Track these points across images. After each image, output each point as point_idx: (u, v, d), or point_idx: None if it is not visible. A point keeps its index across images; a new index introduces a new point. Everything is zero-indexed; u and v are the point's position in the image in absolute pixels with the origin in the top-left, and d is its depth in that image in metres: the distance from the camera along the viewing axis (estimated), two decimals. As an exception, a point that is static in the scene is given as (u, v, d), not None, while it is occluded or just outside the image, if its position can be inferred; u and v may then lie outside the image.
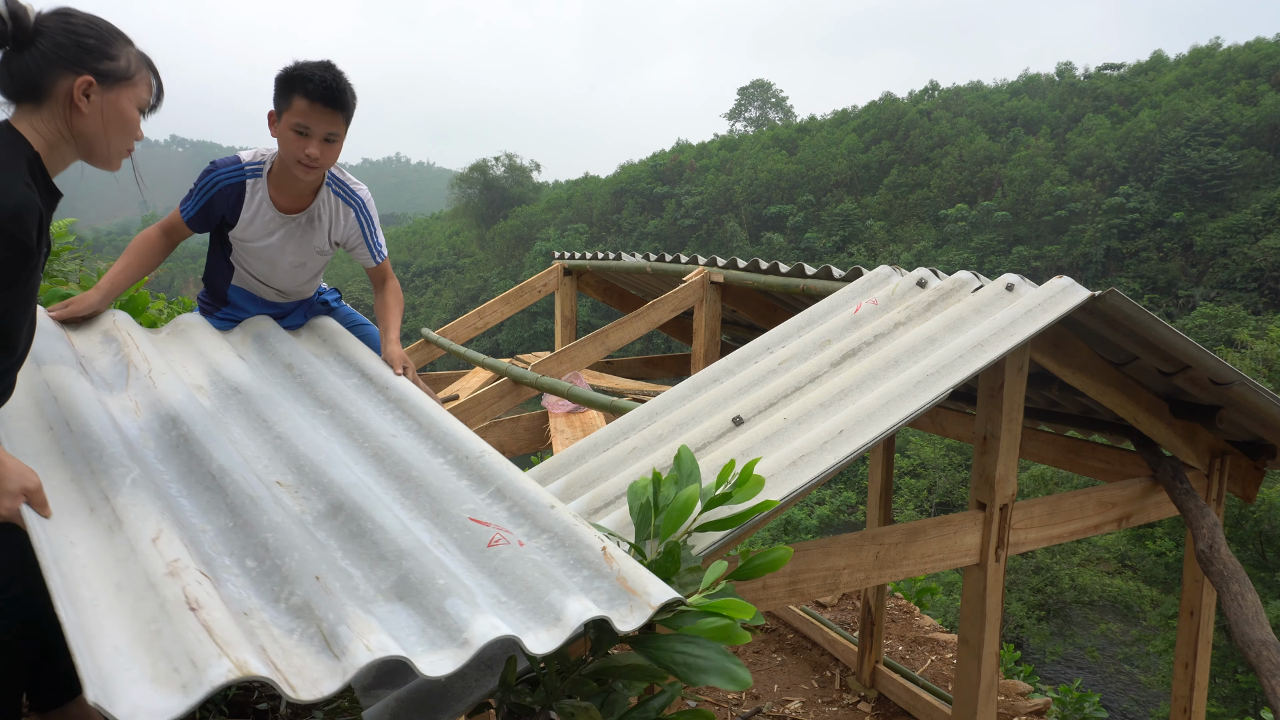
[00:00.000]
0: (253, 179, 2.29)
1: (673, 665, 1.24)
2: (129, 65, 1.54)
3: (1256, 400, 2.59)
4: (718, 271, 4.33)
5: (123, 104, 1.54)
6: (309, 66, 2.12)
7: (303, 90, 2.10)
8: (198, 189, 2.29)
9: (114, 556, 1.31)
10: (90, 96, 1.49)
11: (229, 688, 1.27)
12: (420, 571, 1.42)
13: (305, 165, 2.18)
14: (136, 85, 1.56)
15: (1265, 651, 2.21)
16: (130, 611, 1.19)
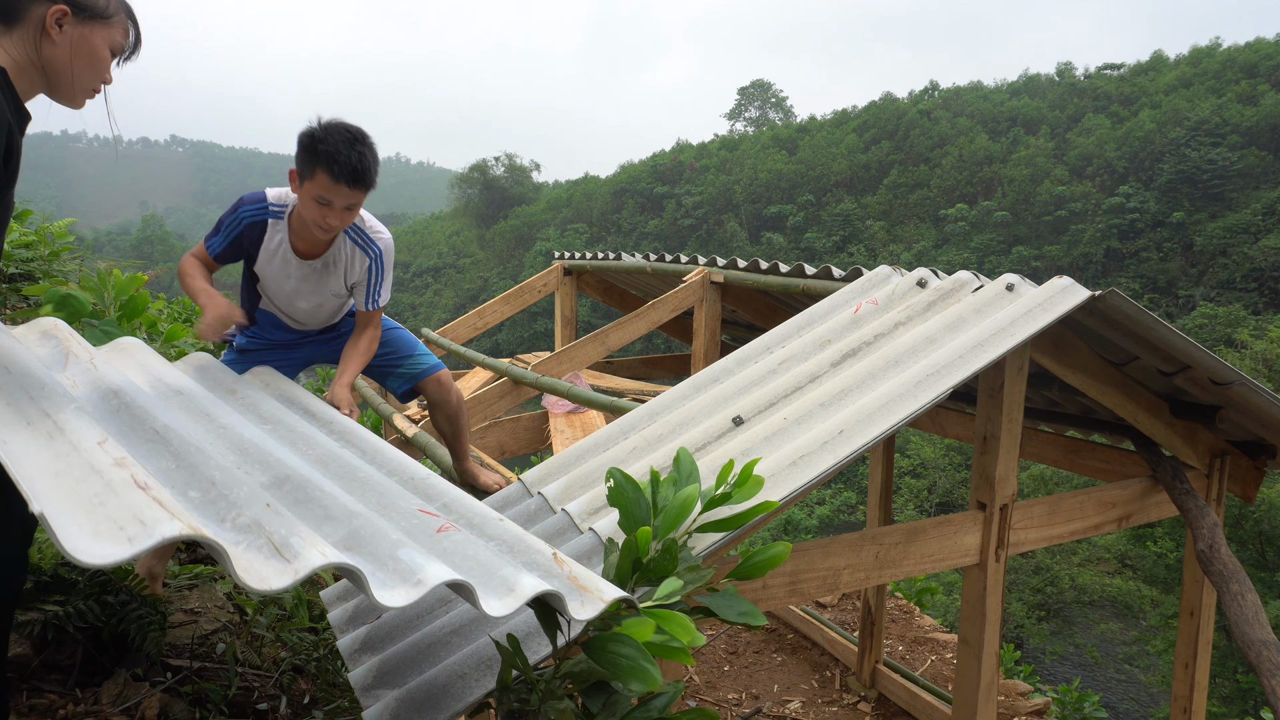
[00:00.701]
0: (275, 219, 2.30)
1: (608, 665, 1.25)
2: (107, 5, 1.55)
3: (1256, 400, 2.59)
4: (718, 271, 4.33)
5: (94, 40, 1.55)
6: (336, 142, 2.08)
7: (328, 169, 2.08)
8: (225, 225, 2.31)
9: (53, 454, 1.21)
10: (63, 26, 1.49)
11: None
12: (370, 529, 1.38)
13: (323, 230, 2.21)
14: (111, 26, 1.57)
15: (1265, 651, 2.21)
16: (71, 491, 1.08)
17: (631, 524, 1.44)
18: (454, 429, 2.80)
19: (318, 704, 2.63)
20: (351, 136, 2.11)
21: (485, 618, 1.72)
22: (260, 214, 2.30)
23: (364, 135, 2.14)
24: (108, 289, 3.16)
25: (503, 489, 2.35)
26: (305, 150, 2.11)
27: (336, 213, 2.17)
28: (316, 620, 2.98)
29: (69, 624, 2.27)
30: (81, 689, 2.23)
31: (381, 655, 1.71)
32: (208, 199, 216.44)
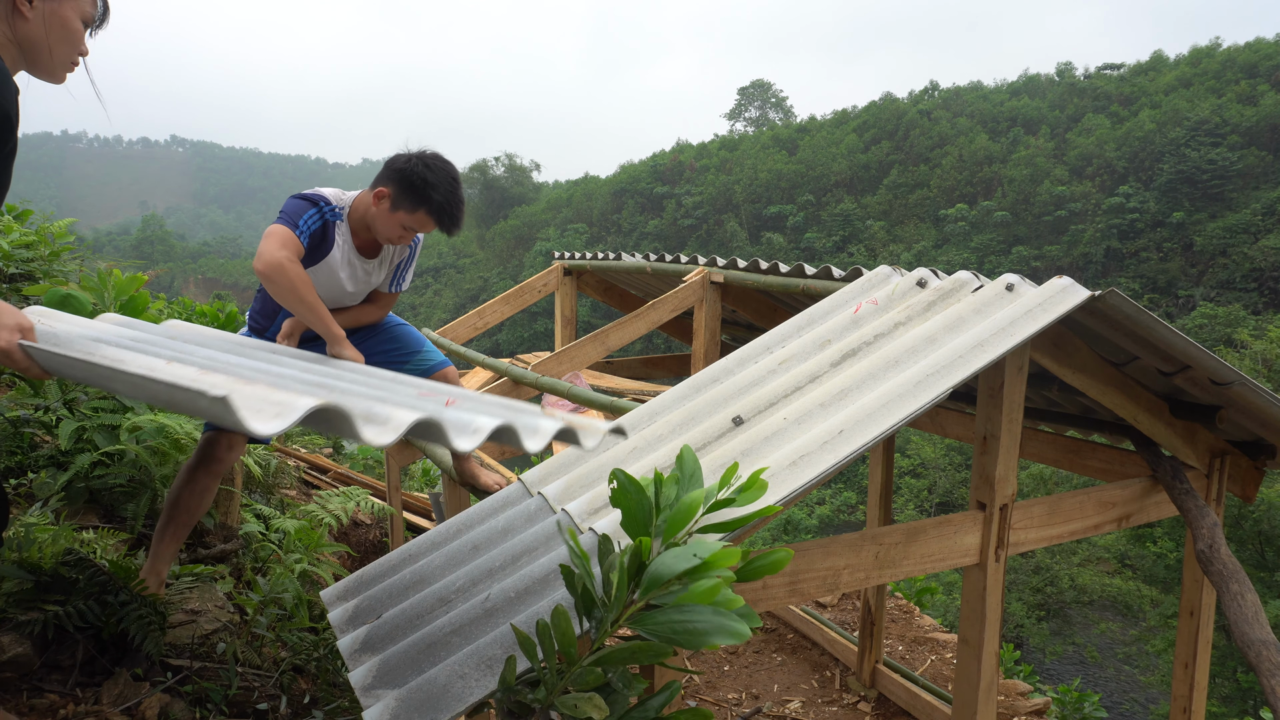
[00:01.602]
0: (340, 222, 2.37)
1: (673, 635, 1.25)
2: None
3: (1256, 400, 2.59)
4: (718, 271, 4.33)
5: (65, 13, 1.56)
6: (445, 191, 2.24)
7: (434, 215, 2.26)
8: (306, 220, 2.31)
9: (187, 373, 1.31)
10: (33, 2, 1.52)
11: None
12: (419, 403, 1.49)
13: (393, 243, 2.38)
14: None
15: (1265, 651, 2.21)
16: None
17: (634, 525, 1.44)
18: None
19: (318, 704, 2.63)
20: (454, 181, 2.25)
21: (487, 617, 1.72)
22: (332, 215, 2.36)
23: (459, 180, 2.30)
24: (108, 289, 3.16)
25: (503, 489, 2.36)
26: (412, 189, 2.23)
27: (412, 235, 2.35)
28: (316, 620, 2.98)
29: (69, 623, 2.27)
30: (81, 689, 2.23)
31: (381, 655, 1.72)
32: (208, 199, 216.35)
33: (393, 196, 2.27)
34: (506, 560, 1.92)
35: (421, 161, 2.26)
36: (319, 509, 3.13)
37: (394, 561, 2.14)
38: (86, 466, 2.79)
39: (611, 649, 1.33)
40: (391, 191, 2.27)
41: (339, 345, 2.31)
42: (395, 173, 2.27)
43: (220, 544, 3.32)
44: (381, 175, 2.33)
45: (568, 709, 1.28)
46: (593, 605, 1.36)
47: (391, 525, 4.75)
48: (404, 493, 5.69)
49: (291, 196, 2.36)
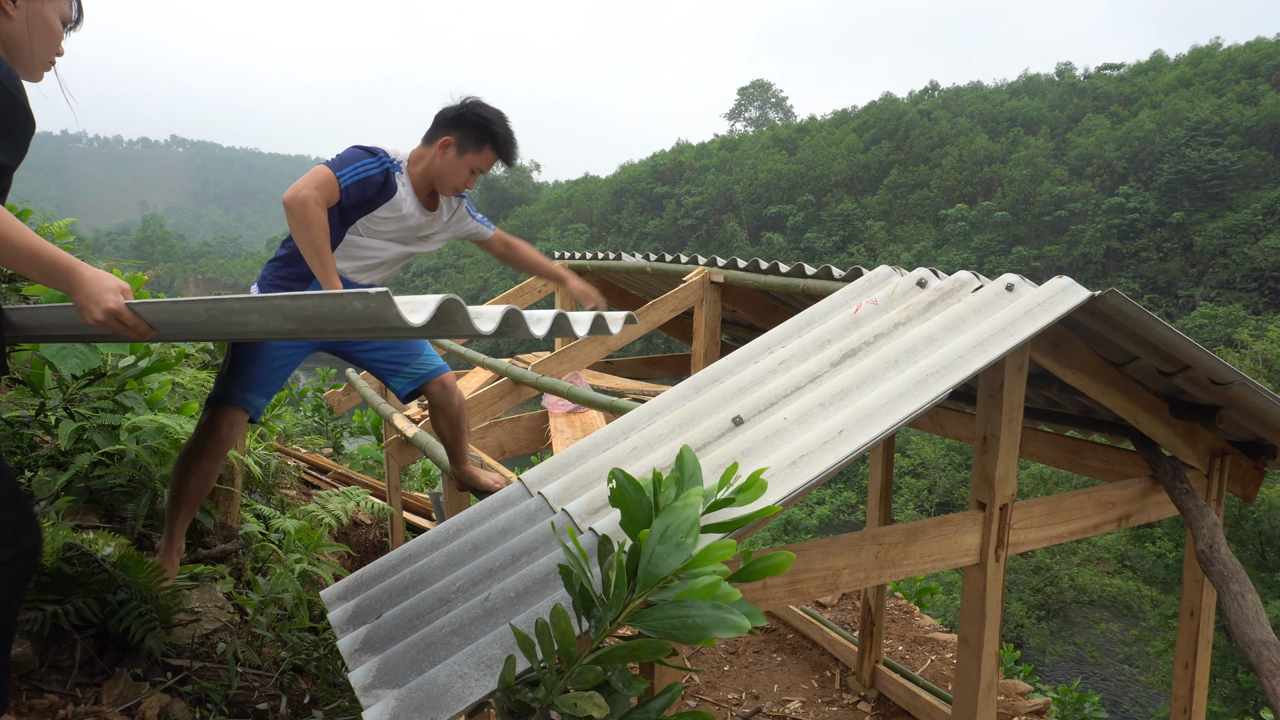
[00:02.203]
0: (399, 173, 2.41)
1: (672, 630, 1.25)
2: None
3: (1256, 400, 2.59)
4: (718, 271, 4.33)
5: (47, 13, 1.60)
6: (504, 127, 2.39)
7: (503, 151, 2.41)
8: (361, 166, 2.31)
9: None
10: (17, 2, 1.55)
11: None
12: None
13: (458, 191, 2.47)
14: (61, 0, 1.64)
15: (1265, 651, 2.21)
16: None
17: (634, 525, 1.44)
18: (454, 432, 2.80)
19: (318, 704, 2.63)
20: (506, 117, 2.40)
21: (487, 616, 1.72)
22: (392, 166, 2.39)
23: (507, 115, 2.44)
24: (108, 289, 3.15)
25: (503, 489, 2.36)
26: (476, 128, 2.36)
27: (475, 177, 2.45)
28: (316, 620, 2.98)
29: (67, 621, 2.27)
30: (81, 689, 2.23)
31: (382, 655, 1.72)
32: (208, 199, 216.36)
33: (458, 142, 2.37)
34: (506, 560, 1.91)
35: (475, 105, 2.38)
36: (319, 509, 3.13)
37: (394, 561, 2.14)
38: (86, 466, 2.79)
39: (611, 647, 1.33)
40: (456, 138, 2.37)
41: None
42: (455, 120, 2.38)
43: (220, 544, 3.32)
44: (438, 128, 2.41)
45: (568, 708, 1.28)
46: (591, 604, 1.36)
47: (391, 525, 4.75)
48: (404, 493, 5.69)
49: (352, 145, 2.41)
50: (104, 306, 1.41)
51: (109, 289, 1.42)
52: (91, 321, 1.42)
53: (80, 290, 1.42)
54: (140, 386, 3.15)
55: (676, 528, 1.35)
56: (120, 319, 1.41)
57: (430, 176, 2.44)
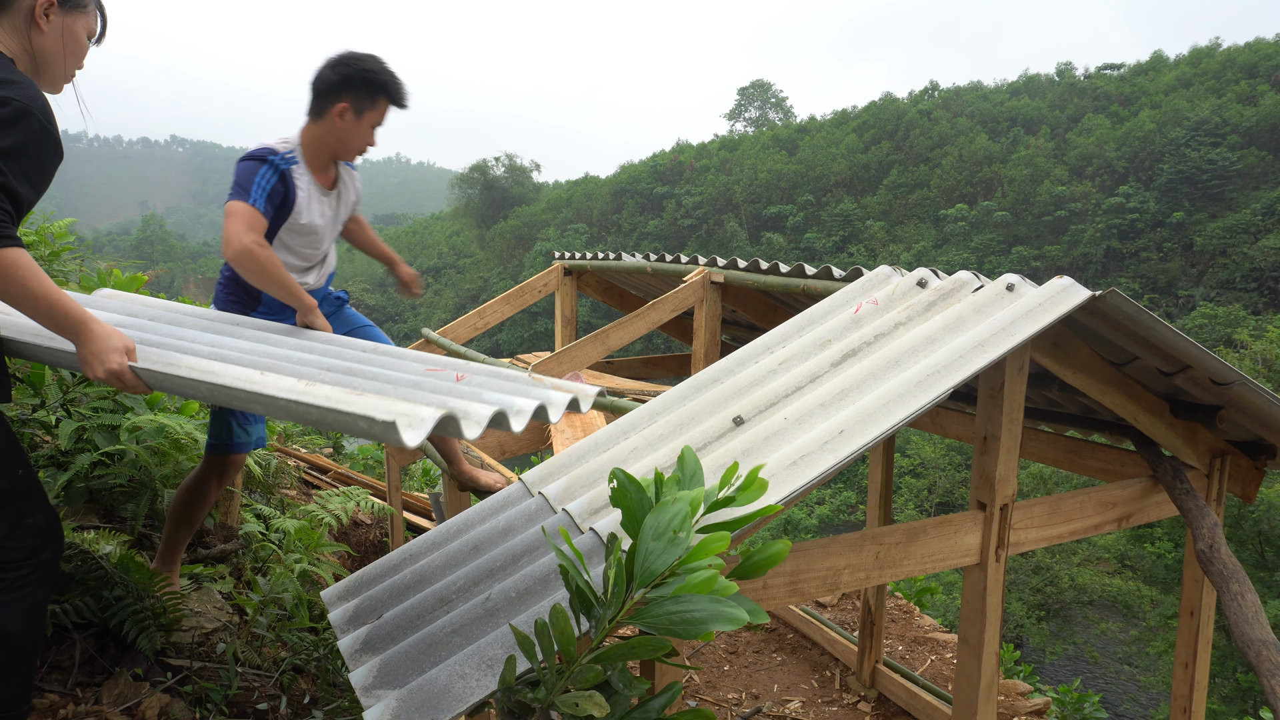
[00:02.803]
0: (296, 165, 2.35)
1: (671, 626, 1.25)
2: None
3: (1256, 400, 2.59)
4: (718, 271, 4.33)
5: (77, 28, 1.67)
6: (388, 72, 2.33)
7: (392, 97, 2.35)
8: (259, 180, 2.25)
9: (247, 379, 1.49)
10: (50, 16, 1.61)
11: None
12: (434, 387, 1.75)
13: (363, 153, 2.43)
14: (88, 13, 1.71)
15: (1265, 651, 2.21)
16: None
17: (634, 525, 1.44)
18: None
19: (318, 704, 2.63)
20: (387, 63, 2.33)
21: (487, 617, 1.72)
22: (288, 162, 2.32)
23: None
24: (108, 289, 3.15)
25: (503, 488, 2.36)
26: (365, 85, 2.30)
27: (375, 133, 2.40)
28: (316, 620, 2.98)
29: (67, 620, 2.27)
30: (82, 689, 2.23)
31: (382, 655, 1.72)
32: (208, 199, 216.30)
33: (353, 105, 2.32)
34: (507, 560, 1.91)
35: (354, 60, 2.31)
36: (319, 509, 3.13)
37: (394, 561, 2.14)
38: (86, 466, 2.79)
39: (611, 646, 1.33)
40: (350, 101, 2.31)
41: (311, 314, 2.33)
42: (341, 83, 2.30)
43: (220, 544, 3.32)
44: (324, 96, 2.32)
45: (568, 708, 1.28)
46: (590, 604, 1.36)
47: (391, 525, 4.75)
48: (404, 493, 5.69)
49: (239, 159, 2.31)
50: (107, 367, 1.47)
51: (115, 349, 1.47)
52: (93, 377, 1.47)
53: (87, 345, 1.47)
54: (140, 386, 3.15)
55: (668, 522, 1.35)
56: (121, 379, 1.47)
57: (332, 147, 2.38)
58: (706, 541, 1.32)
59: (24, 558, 1.61)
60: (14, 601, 1.60)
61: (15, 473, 1.62)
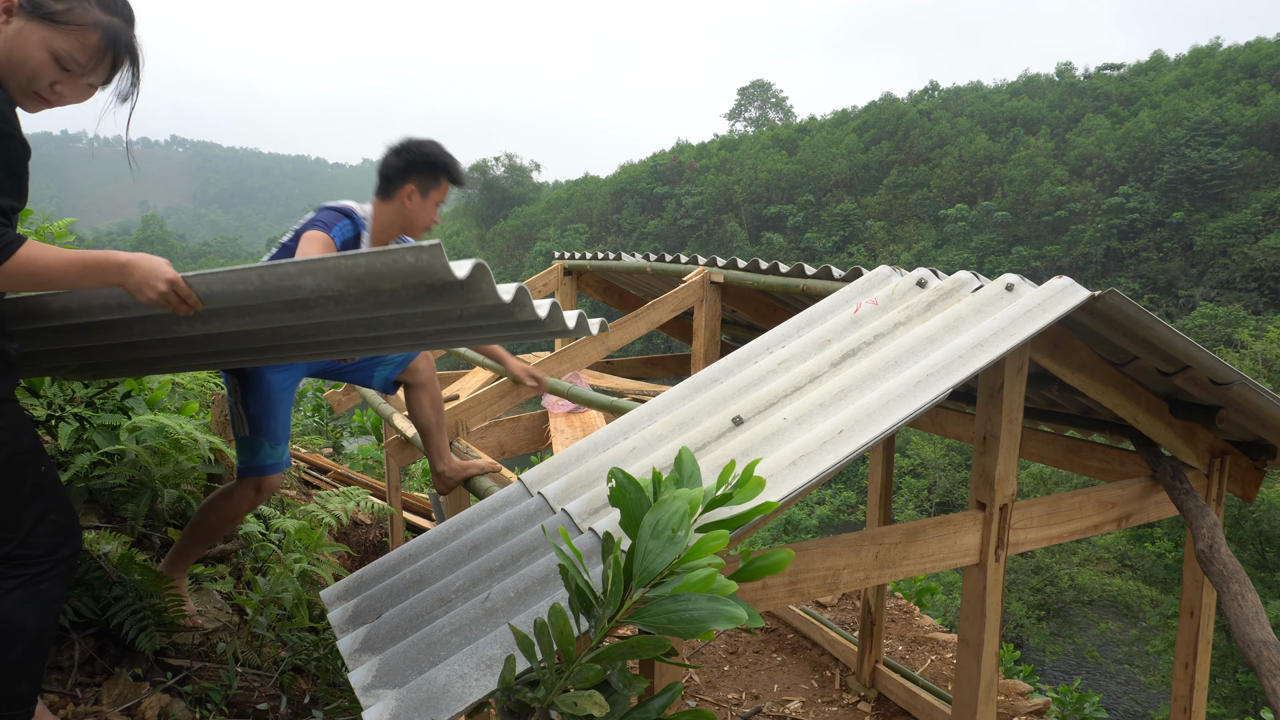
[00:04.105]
0: (363, 231, 2.57)
1: (670, 625, 1.25)
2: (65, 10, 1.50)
3: (1256, 400, 2.59)
4: (718, 271, 4.33)
5: (31, 38, 1.49)
6: (448, 155, 2.56)
7: (452, 177, 2.58)
8: (340, 227, 2.47)
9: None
10: (11, 20, 1.48)
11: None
12: None
13: (428, 229, 2.64)
14: (60, 34, 1.51)
15: (1265, 651, 2.21)
16: None
17: (633, 524, 1.44)
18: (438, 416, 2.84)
19: (318, 704, 2.63)
20: (444, 145, 2.58)
21: (487, 616, 1.72)
22: (362, 227, 2.55)
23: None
24: (108, 289, 3.15)
25: (503, 488, 2.36)
26: (428, 167, 2.52)
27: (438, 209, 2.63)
28: (316, 620, 2.98)
29: (66, 620, 2.27)
30: (81, 689, 2.23)
31: (381, 655, 1.72)
32: (208, 199, 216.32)
33: (419, 186, 2.53)
34: (506, 560, 1.92)
35: (412, 147, 2.52)
36: (319, 509, 3.13)
37: (394, 561, 2.14)
38: (86, 466, 2.79)
39: (610, 645, 1.33)
40: (416, 183, 2.52)
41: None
42: (404, 168, 2.51)
43: (220, 544, 3.32)
44: (392, 181, 2.53)
45: (568, 707, 1.28)
46: (590, 604, 1.36)
47: (391, 525, 4.75)
48: (404, 493, 5.69)
49: (324, 206, 2.53)
50: (164, 279, 1.43)
51: (159, 266, 1.46)
52: (149, 299, 1.44)
53: (133, 276, 1.45)
54: (140, 386, 3.15)
55: (666, 521, 1.35)
56: (177, 287, 1.44)
57: (402, 225, 2.59)
58: (705, 540, 1.32)
59: (44, 554, 1.61)
60: (32, 598, 1.60)
61: (39, 469, 1.61)
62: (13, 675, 1.61)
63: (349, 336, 1.80)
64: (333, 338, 1.82)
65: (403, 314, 1.56)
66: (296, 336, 1.80)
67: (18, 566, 1.58)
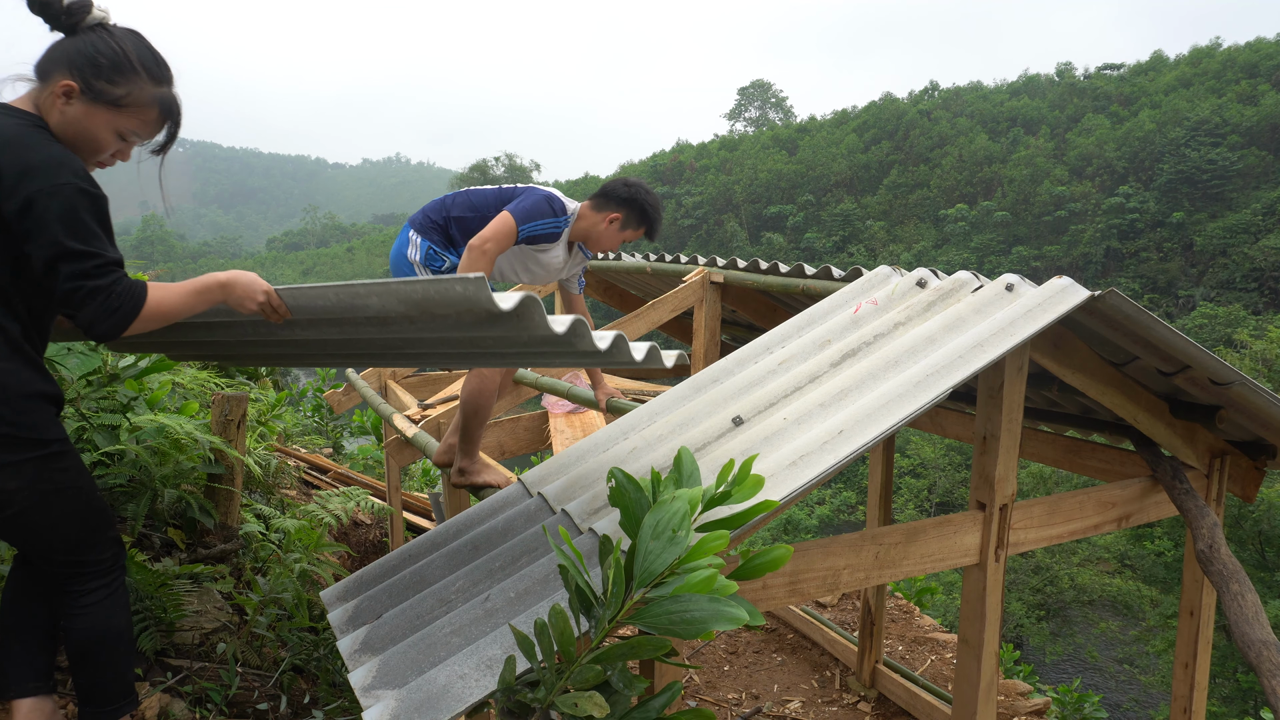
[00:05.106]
0: (566, 228, 2.76)
1: (671, 625, 1.25)
2: (126, 95, 1.65)
3: (1256, 400, 2.59)
4: (718, 271, 4.33)
5: (94, 121, 1.64)
6: (659, 212, 2.81)
7: (650, 231, 2.81)
8: (538, 222, 2.64)
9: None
10: (72, 101, 1.61)
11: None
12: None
13: (604, 253, 2.92)
14: (122, 115, 1.66)
15: (1265, 651, 2.21)
16: None
17: (633, 524, 1.44)
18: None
19: (318, 704, 2.63)
20: (662, 207, 2.84)
21: (486, 617, 1.72)
22: (565, 226, 2.74)
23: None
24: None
25: (503, 489, 2.36)
26: (636, 210, 2.76)
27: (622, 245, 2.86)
28: (316, 620, 2.98)
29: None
30: (81, 689, 2.22)
31: (381, 655, 1.72)
32: (208, 199, 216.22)
33: (623, 220, 2.76)
34: (506, 561, 1.92)
35: (641, 191, 2.77)
36: (319, 509, 3.13)
37: (394, 562, 2.14)
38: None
39: (610, 646, 1.33)
40: (623, 216, 2.76)
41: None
42: (624, 202, 2.75)
43: (220, 544, 3.32)
44: (609, 201, 2.77)
45: (568, 708, 1.28)
46: (590, 604, 1.36)
47: (391, 525, 4.75)
48: (404, 493, 5.70)
49: (544, 196, 2.69)
50: (261, 291, 1.64)
51: (254, 282, 1.66)
52: (251, 309, 1.65)
53: (233, 293, 1.66)
54: (140, 386, 3.15)
55: (667, 522, 1.35)
56: (271, 298, 1.65)
57: (588, 235, 2.81)
58: (706, 540, 1.32)
59: (112, 564, 1.84)
60: (116, 602, 1.84)
61: (98, 494, 1.82)
62: (126, 666, 1.88)
63: (433, 351, 2.01)
64: (419, 351, 2.03)
65: (472, 336, 1.69)
66: (387, 347, 2.04)
67: (96, 579, 1.81)
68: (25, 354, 1.64)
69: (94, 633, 1.80)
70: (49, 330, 1.75)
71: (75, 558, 1.77)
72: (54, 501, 1.69)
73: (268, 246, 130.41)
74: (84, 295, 1.52)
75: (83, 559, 1.78)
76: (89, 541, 1.78)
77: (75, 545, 1.76)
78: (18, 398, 1.60)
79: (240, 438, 3.33)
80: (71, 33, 1.63)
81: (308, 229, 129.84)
